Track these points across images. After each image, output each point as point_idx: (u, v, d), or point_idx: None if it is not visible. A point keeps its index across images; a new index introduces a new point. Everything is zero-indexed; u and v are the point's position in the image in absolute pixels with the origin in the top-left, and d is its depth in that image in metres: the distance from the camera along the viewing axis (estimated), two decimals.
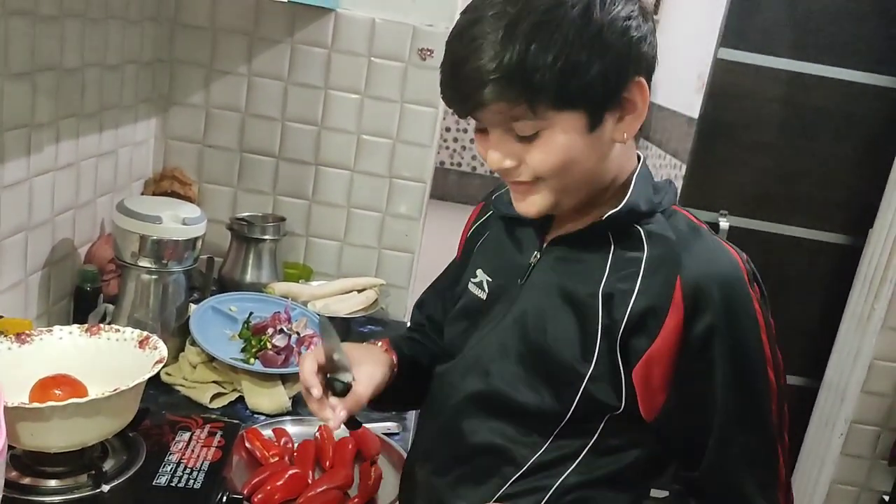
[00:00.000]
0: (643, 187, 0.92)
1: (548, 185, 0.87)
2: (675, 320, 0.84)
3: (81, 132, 1.50)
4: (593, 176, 0.90)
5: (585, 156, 0.86)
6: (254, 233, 1.77)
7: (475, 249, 1.09)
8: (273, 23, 1.81)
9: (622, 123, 0.87)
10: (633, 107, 0.86)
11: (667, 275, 0.86)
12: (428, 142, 1.87)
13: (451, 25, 1.80)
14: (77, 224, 1.54)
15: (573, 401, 0.90)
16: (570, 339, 0.90)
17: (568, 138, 0.83)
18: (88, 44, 1.46)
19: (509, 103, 0.80)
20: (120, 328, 1.11)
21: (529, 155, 0.85)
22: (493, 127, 0.86)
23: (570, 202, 0.91)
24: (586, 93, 0.81)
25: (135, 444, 1.07)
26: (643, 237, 0.90)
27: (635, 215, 0.90)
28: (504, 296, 0.99)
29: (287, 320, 1.50)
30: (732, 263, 0.87)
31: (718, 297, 0.84)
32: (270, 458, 1.23)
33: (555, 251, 0.96)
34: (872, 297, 2.26)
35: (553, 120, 0.82)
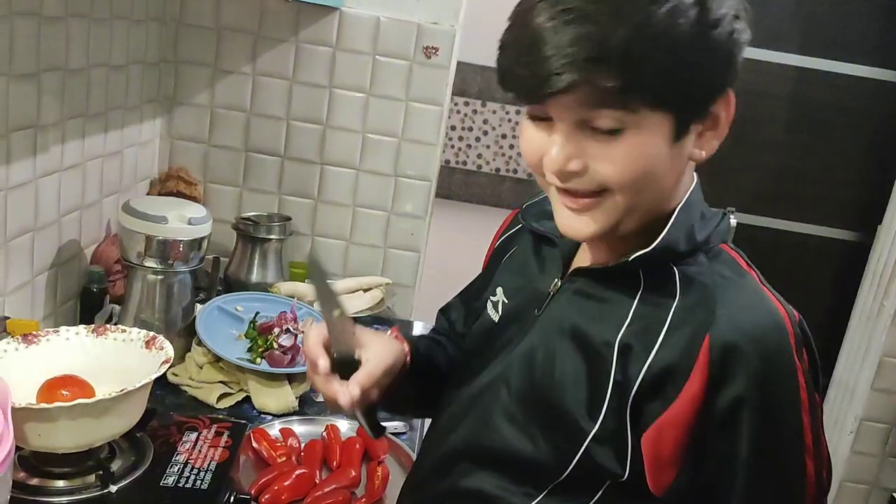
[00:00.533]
0: (687, 218, 0.79)
1: (613, 202, 0.74)
2: (697, 385, 0.72)
3: (87, 133, 1.50)
4: (661, 197, 0.78)
5: (664, 170, 0.74)
6: (259, 232, 1.77)
7: (500, 264, 1.00)
8: (277, 22, 1.80)
9: (702, 140, 0.76)
10: (716, 122, 0.76)
11: (694, 330, 0.73)
12: (433, 140, 1.86)
13: (456, 23, 1.81)
14: (83, 225, 1.54)
15: (572, 460, 0.79)
16: (577, 391, 0.79)
17: (653, 144, 0.72)
18: (93, 44, 1.46)
19: (598, 89, 0.68)
20: (126, 329, 1.11)
21: (604, 158, 0.72)
22: (563, 118, 0.72)
23: (629, 227, 0.77)
24: (684, 93, 0.71)
25: (142, 445, 1.07)
26: (677, 282, 0.77)
27: (672, 255, 0.78)
28: (517, 323, 0.90)
29: (293, 320, 1.49)
30: (776, 323, 0.74)
31: (753, 363, 0.71)
32: (278, 458, 1.23)
33: (577, 282, 0.84)
34: (882, 294, 2.25)
35: (642, 118, 0.70)
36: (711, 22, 0.70)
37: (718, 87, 0.74)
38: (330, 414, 1.41)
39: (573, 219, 0.77)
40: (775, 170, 2.39)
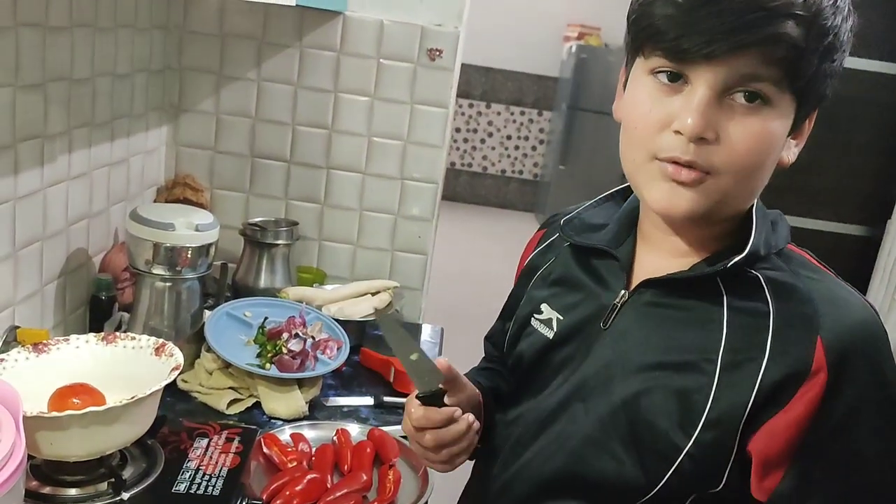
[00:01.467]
0: (763, 224, 0.79)
1: (717, 184, 0.73)
2: (815, 389, 0.71)
3: (93, 141, 1.50)
4: (753, 192, 0.78)
5: (773, 159, 0.75)
6: (267, 238, 1.77)
7: (534, 280, 0.97)
8: (281, 27, 1.81)
9: (788, 144, 0.78)
10: (803, 131, 0.79)
11: (804, 336, 0.72)
12: (439, 142, 1.86)
13: (460, 25, 1.81)
14: (91, 233, 1.54)
15: (664, 476, 0.77)
16: (666, 405, 0.76)
17: (780, 128, 0.73)
18: (98, 53, 1.47)
19: (769, 57, 0.68)
20: (136, 336, 1.12)
21: (737, 133, 0.71)
22: (710, 85, 0.70)
23: (720, 216, 0.77)
24: (816, 86, 0.73)
25: (153, 452, 1.07)
26: (765, 287, 0.76)
27: (754, 260, 0.77)
28: (580, 340, 0.87)
29: (302, 324, 1.49)
30: (875, 320, 0.75)
31: (868, 365, 0.72)
32: (288, 463, 1.23)
33: (647, 293, 0.82)
34: (892, 289, 2.24)
35: (782, 98, 0.71)
36: (848, 41, 0.74)
37: (826, 96, 0.76)
38: (343, 417, 1.41)
39: (674, 195, 0.74)
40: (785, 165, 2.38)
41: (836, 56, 0.72)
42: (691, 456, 0.75)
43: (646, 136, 0.75)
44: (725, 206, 0.76)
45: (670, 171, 0.74)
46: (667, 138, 0.73)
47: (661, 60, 0.73)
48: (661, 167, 0.75)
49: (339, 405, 1.47)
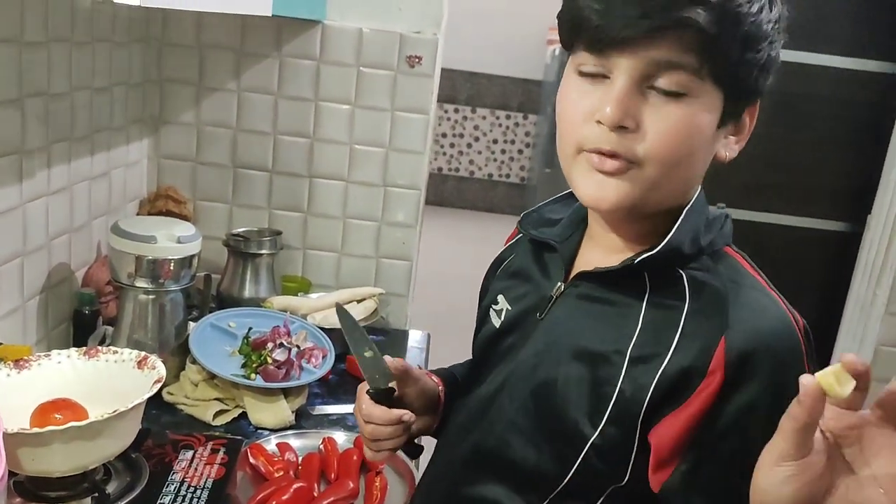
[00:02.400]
0: (693, 222, 0.79)
1: (642, 174, 0.74)
2: (712, 387, 0.72)
3: (73, 156, 1.50)
4: (684, 186, 0.78)
5: (701, 154, 0.76)
6: (250, 248, 1.77)
7: (498, 272, 1.01)
8: (260, 37, 1.81)
9: (727, 142, 0.79)
10: (741, 128, 0.79)
11: (709, 334, 0.73)
12: (420, 148, 1.87)
13: (439, 31, 1.82)
14: (73, 247, 1.54)
15: (572, 466, 0.79)
16: (579, 395, 0.79)
17: (704, 119, 0.73)
18: (76, 68, 1.47)
19: (685, 45, 0.69)
20: (118, 349, 1.12)
21: (656, 122, 0.72)
22: (628, 74, 0.72)
23: (649, 208, 0.78)
24: (742, 79, 0.73)
25: (137, 465, 1.07)
26: (685, 285, 0.77)
27: (678, 258, 0.78)
28: (519, 328, 0.90)
29: (287, 334, 1.49)
30: (789, 331, 0.75)
31: (768, 370, 0.72)
32: (275, 473, 1.23)
33: (581, 286, 0.84)
34: (874, 284, 2.26)
35: (704, 89, 0.72)
36: (779, 34, 0.75)
37: (758, 90, 0.76)
38: (330, 425, 1.41)
39: (601, 185, 0.76)
40: (764, 163, 2.40)
41: (760, 46, 0.72)
42: (596, 447, 0.77)
43: (571, 128, 0.77)
44: (655, 198, 0.77)
45: (595, 162, 0.75)
46: (590, 129, 0.75)
47: (585, 56, 0.75)
48: (587, 158, 0.76)
49: (326, 413, 1.47)
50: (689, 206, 0.80)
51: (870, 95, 2.33)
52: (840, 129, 2.38)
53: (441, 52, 1.84)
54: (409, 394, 0.98)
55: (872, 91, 2.33)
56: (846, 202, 2.42)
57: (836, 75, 2.32)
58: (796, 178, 2.41)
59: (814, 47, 2.30)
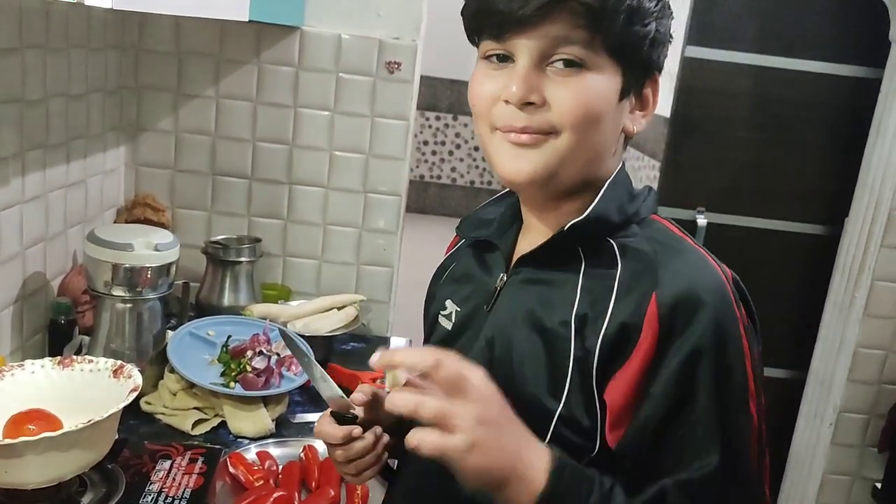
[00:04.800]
0: (616, 194, 0.84)
1: (557, 142, 0.79)
2: (649, 340, 0.76)
3: (48, 163, 1.48)
4: (597, 155, 0.83)
5: (608, 122, 0.80)
6: (229, 255, 1.76)
7: (442, 281, 1.02)
8: (238, 44, 1.80)
9: (633, 116, 0.84)
10: (645, 103, 0.85)
11: (641, 292, 0.77)
12: (401, 154, 1.86)
13: (418, 38, 1.82)
14: (48, 256, 1.52)
15: (543, 441, 0.78)
16: (538, 372, 0.81)
17: (606, 89, 0.79)
18: (51, 74, 1.45)
19: (575, 21, 0.75)
20: (93, 359, 1.10)
21: (562, 91, 0.77)
22: (528, 53, 0.77)
23: (564, 180, 0.82)
24: (636, 53, 0.79)
25: (114, 476, 1.05)
26: (616, 252, 0.82)
27: (606, 227, 0.83)
28: (470, 325, 0.91)
29: (266, 342, 1.48)
30: (717, 281, 0.78)
31: (703, 318, 0.75)
32: (255, 482, 1.22)
33: (522, 272, 0.87)
34: (853, 286, 2.28)
35: (600, 61, 0.78)
36: (665, 10, 0.81)
37: (655, 65, 0.83)
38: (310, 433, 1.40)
39: (516, 159, 0.80)
40: (741, 168, 2.41)
41: (647, 20, 0.78)
42: (564, 418, 0.79)
43: (483, 110, 0.82)
44: (570, 169, 0.81)
45: (511, 138, 0.80)
46: (499, 109, 0.80)
47: (489, 44, 0.81)
48: (503, 136, 0.81)
49: (307, 421, 1.46)
50: (611, 179, 0.84)
51: (847, 100, 2.35)
52: (817, 134, 2.39)
53: (420, 57, 1.84)
54: (377, 417, 0.94)
55: (849, 96, 2.35)
56: (824, 205, 2.44)
57: (813, 80, 2.35)
58: (775, 181, 2.43)
59: (792, 52, 2.33)
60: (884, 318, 2.24)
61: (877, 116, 2.25)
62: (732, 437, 0.77)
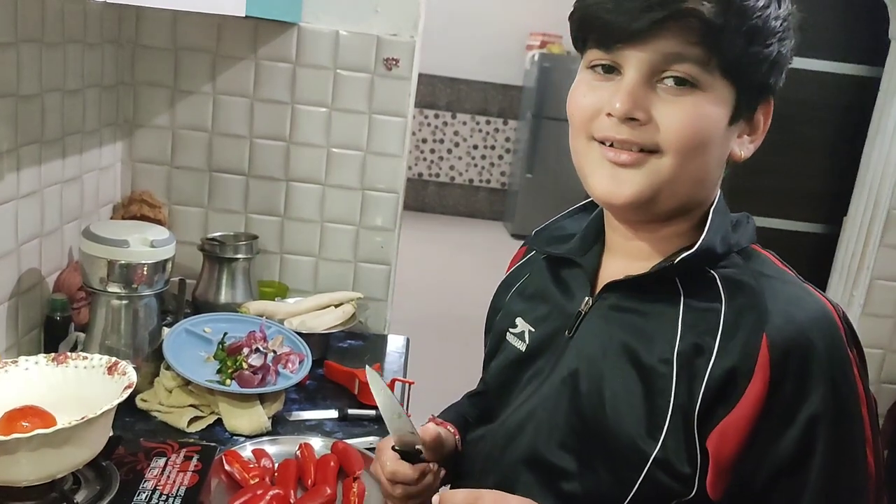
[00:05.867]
0: (721, 223, 0.79)
1: (659, 164, 0.74)
2: (759, 385, 0.71)
3: (44, 159, 1.47)
4: (701, 184, 0.77)
5: (715, 147, 0.75)
6: (226, 252, 1.75)
7: (510, 295, 0.97)
8: (235, 40, 1.79)
9: (741, 141, 0.79)
10: (755, 127, 0.80)
11: (750, 330, 0.72)
12: (398, 152, 1.85)
13: (416, 34, 1.81)
14: (44, 252, 1.51)
15: (634, 485, 0.76)
16: (633, 411, 0.76)
17: (716, 111, 0.73)
18: (46, 69, 1.44)
19: (692, 37, 0.70)
20: (88, 355, 1.09)
21: (669, 110, 0.72)
22: (637, 67, 0.73)
23: (664, 204, 0.77)
24: (752, 73, 0.74)
25: (108, 473, 1.04)
26: (720, 285, 0.76)
27: (711, 258, 0.77)
28: (549, 349, 0.87)
29: (262, 339, 1.47)
30: (828, 319, 0.73)
31: (817, 371, 0.70)
32: (251, 480, 1.21)
33: (610, 298, 0.82)
34: (851, 284, 2.27)
35: (712, 81, 0.72)
36: (789, 31, 0.76)
37: (771, 89, 0.77)
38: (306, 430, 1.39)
39: (615, 178, 0.75)
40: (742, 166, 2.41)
41: (769, 41, 0.73)
42: (659, 461, 0.75)
43: (582, 121, 0.77)
44: (670, 193, 0.76)
45: (610, 156, 0.75)
46: (601, 121, 0.76)
47: (596, 53, 0.76)
48: (601, 151, 0.76)
49: (303, 419, 1.45)
50: (713, 206, 0.79)
51: (848, 99, 2.36)
52: (818, 132, 2.40)
53: (418, 54, 1.83)
54: (435, 457, 0.94)
55: (850, 94, 2.35)
56: (824, 204, 2.44)
57: (813, 78, 2.35)
58: (775, 180, 2.43)
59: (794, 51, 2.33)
60: (882, 316, 2.24)
61: (876, 115, 2.24)
62: (852, 491, 0.74)
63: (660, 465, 0.75)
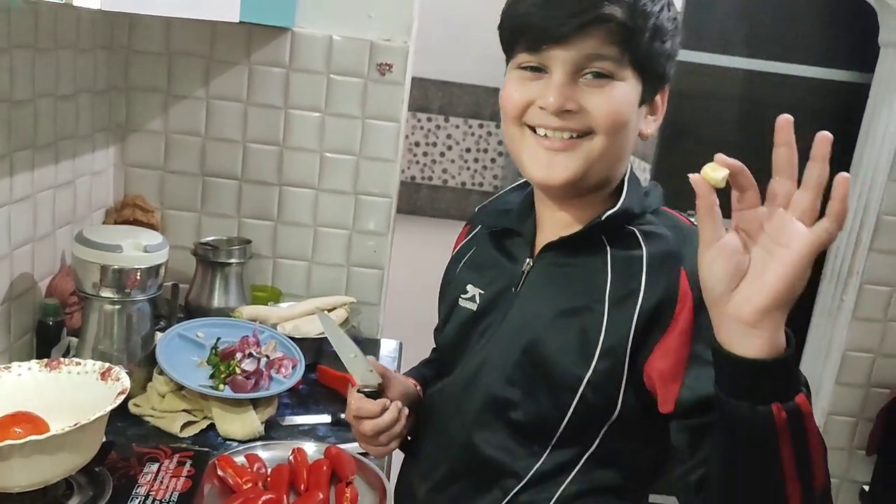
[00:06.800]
0: (635, 189, 0.93)
1: (592, 145, 0.87)
2: (687, 307, 0.84)
3: (37, 164, 1.47)
4: (620, 156, 0.91)
5: (631, 126, 0.89)
6: (219, 257, 1.75)
7: (460, 268, 1.08)
8: (229, 44, 1.80)
9: (646, 121, 0.92)
10: (656, 108, 0.94)
11: (670, 269, 0.86)
12: (391, 156, 1.86)
13: (409, 39, 1.82)
14: (36, 257, 1.51)
15: (570, 406, 0.89)
16: (569, 344, 0.89)
17: (630, 97, 0.87)
18: (39, 75, 1.44)
19: (610, 38, 0.83)
20: (81, 361, 1.09)
21: (595, 100, 0.85)
22: (563, 67, 0.85)
23: (594, 177, 0.90)
24: (654, 65, 0.88)
25: (101, 479, 1.05)
26: (639, 236, 0.90)
27: (629, 216, 0.91)
28: (497, 306, 0.98)
29: (256, 344, 1.47)
30: None
31: None
32: (244, 485, 1.21)
33: (548, 257, 0.95)
34: (841, 290, 2.29)
35: (626, 73, 0.86)
36: (678, 29, 0.90)
37: (667, 76, 0.92)
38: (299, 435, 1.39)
39: (551, 163, 0.88)
40: None
41: (665, 38, 0.87)
42: (592, 383, 0.88)
43: (515, 112, 0.89)
44: (597, 169, 0.89)
45: (546, 144, 0.88)
46: (533, 111, 0.88)
47: (524, 56, 0.88)
48: (536, 140, 0.89)
49: (296, 424, 1.46)
50: (627, 176, 0.94)
51: (836, 104, 2.37)
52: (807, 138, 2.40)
53: (412, 60, 1.84)
54: (392, 395, 1.05)
55: (840, 100, 2.37)
56: None
57: (804, 84, 2.36)
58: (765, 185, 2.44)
59: (782, 57, 2.34)
60: (872, 321, 2.26)
61: (865, 121, 2.26)
62: None
63: (592, 387, 0.88)
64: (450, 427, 1.00)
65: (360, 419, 1.02)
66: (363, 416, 1.01)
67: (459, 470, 0.99)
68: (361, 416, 1.01)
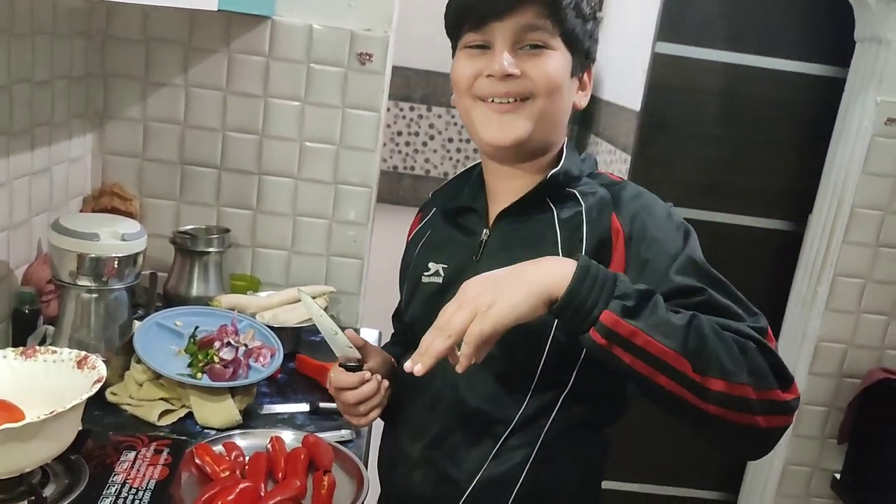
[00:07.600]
0: (572, 155, 1.07)
1: (534, 107, 0.99)
2: (621, 240, 0.98)
3: (12, 150, 1.46)
4: (558, 123, 1.03)
5: (566, 92, 1.01)
6: (198, 246, 1.75)
7: (418, 250, 1.15)
8: (208, 32, 1.79)
9: (578, 95, 1.05)
10: (584, 85, 1.06)
11: (604, 215, 1.00)
12: (371, 146, 1.86)
13: (389, 29, 1.82)
14: (12, 245, 1.50)
15: (544, 349, 0.98)
16: None
17: (564, 65, 1.00)
18: (15, 60, 1.43)
19: (541, 11, 0.96)
20: (57, 349, 1.09)
21: (535, 65, 0.97)
22: (504, 39, 0.97)
23: (538, 138, 1.01)
24: (580, 41, 1.01)
25: (77, 467, 1.05)
26: (578, 196, 1.03)
27: (569, 179, 1.04)
28: (463, 275, 1.01)
29: (234, 333, 1.47)
30: (641, 190, 1.04)
31: (643, 211, 1.00)
32: (221, 473, 1.21)
33: (502, 224, 1.06)
34: (815, 281, 2.32)
35: (558, 44, 0.99)
36: (599, 19, 1.04)
37: (591, 56, 1.05)
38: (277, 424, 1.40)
39: (501, 124, 0.99)
40: (710, 164, 2.45)
41: (588, 18, 1.01)
42: (559, 325, 0.97)
43: (466, 84, 1.01)
44: (540, 130, 1.00)
45: (495, 108, 0.99)
46: (482, 81, 0.99)
47: (471, 35, 1.00)
48: (485, 107, 1.00)
49: (275, 413, 1.46)
50: (565, 144, 1.07)
51: (813, 98, 2.39)
52: (785, 131, 2.43)
53: (392, 49, 1.84)
54: (372, 367, 1.12)
55: (816, 94, 2.39)
56: (790, 202, 2.48)
57: (781, 78, 2.38)
58: (742, 178, 2.47)
59: (760, 50, 2.36)
60: (844, 312, 2.29)
61: (840, 114, 2.29)
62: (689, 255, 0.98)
63: (560, 329, 0.97)
64: (434, 388, 1.07)
65: (341, 390, 1.09)
66: (342, 387, 1.09)
67: (451, 425, 1.05)
68: (341, 387, 1.09)
